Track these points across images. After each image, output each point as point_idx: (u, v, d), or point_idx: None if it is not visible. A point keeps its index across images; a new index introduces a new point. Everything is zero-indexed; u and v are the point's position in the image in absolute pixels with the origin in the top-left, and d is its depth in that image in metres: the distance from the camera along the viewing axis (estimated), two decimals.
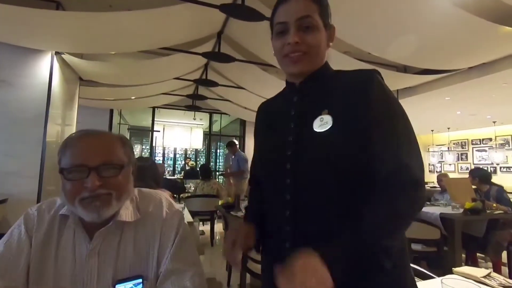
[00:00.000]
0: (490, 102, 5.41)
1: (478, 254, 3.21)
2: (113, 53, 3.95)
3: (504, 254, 3.05)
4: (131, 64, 4.47)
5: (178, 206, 0.89)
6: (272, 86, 0.74)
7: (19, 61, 3.33)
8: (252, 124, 7.99)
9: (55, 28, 2.97)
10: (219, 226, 4.76)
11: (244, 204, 3.04)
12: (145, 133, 9.27)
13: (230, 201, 3.22)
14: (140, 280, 0.73)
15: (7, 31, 3.02)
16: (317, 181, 0.64)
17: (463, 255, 3.08)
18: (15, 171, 3.23)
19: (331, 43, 0.74)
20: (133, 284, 0.72)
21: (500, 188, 3.47)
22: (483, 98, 5.16)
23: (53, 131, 3.60)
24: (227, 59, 3.60)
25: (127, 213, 0.76)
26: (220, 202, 3.57)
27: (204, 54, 3.62)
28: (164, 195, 0.86)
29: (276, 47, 0.73)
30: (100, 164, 0.70)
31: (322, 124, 0.65)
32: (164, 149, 10.20)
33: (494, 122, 7.08)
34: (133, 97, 5.74)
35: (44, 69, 3.44)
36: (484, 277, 1.06)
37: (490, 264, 3.13)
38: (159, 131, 8.89)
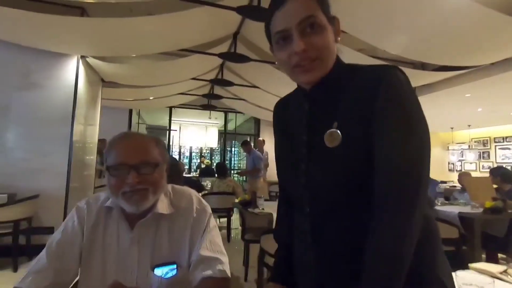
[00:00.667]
0: None
1: (499, 254, 3.14)
2: (133, 55, 4.10)
3: None
4: (150, 66, 4.63)
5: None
6: (286, 84, 0.77)
7: (48, 65, 3.54)
8: (266, 123, 8.05)
9: (81, 34, 3.14)
10: (236, 222, 4.85)
11: (260, 201, 3.11)
12: (162, 132, 9.51)
13: (247, 198, 3.30)
14: (175, 266, 0.82)
15: (37, 37, 3.21)
16: (331, 196, 0.63)
17: (483, 255, 3.03)
18: (45, 168, 3.44)
19: (339, 38, 0.66)
20: (169, 269, 0.81)
21: None
22: (506, 95, 4.99)
23: (77, 131, 3.80)
24: (243, 59, 3.67)
25: (163, 206, 0.85)
26: (237, 200, 3.66)
27: (220, 55, 3.71)
28: (194, 192, 0.94)
29: (281, 59, 0.65)
30: (138, 163, 0.79)
31: (332, 139, 0.62)
32: (180, 147, 10.43)
33: None
34: (151, 97, 5.93)
35: (71, 72, 3.63)
36: (501, 273, 1.08)
37: None
38: (175, 130, 9.10)
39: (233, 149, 10.63)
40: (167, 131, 8.57)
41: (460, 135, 9.02)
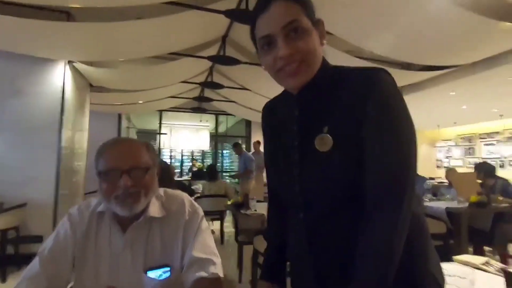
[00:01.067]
0: (496, 96, 5.40)
1: (486, 247, 3.24)
2: (122, 60, 4.08)
3: None
4: (139, 70, 4.61)
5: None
6: (277, 85, 0.78)
7: (34, 70, 3.48)
8: (258, 124, 8.08)
9: (67, 39, 3.11)
10: (228, 225, 4.86)
11: (253, 202, 3.13)
12: (152, 136, 9.45)
13: (239, 200, 3.32)
14: (168, 269, 0.83)
15: (22, 43, 3.16)
16: (325, 200, 0.64)
17: (471, 249, 3.12)
18: (32, 176, 3.38)
19: (325, 41, 0.66)
20: (162, 272, 0.82)
21: (506, 181, 3.50)
22: (489, 92, 5.16)
23: (66, 137, 3.74)
24: (232, 61, 3.69)
25: (154, 209, 0.87)
26: (229, 202, 3.67)
27: (209, 58, 3.72)
28: (186, 195, 0.96)
29: (267, 63, 0.65)
30: (130, 167, 0.81)
31: (323, 143, 0.62)
32: (171, 151, 10.36)
33: (501, 115, 7.04)
34: (141, 101, 5.89)
35: (57, 77, 3.58)
36: (483, 264, 1.13)
37: (498, 257, 3.16)
38: (166, 134, 9.05)
39: (224, 151, 10.62)
40: (158, 135, 8.51)
41: (446, 133, 9.25)
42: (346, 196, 0.62)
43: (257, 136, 8.04)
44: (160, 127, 8.35)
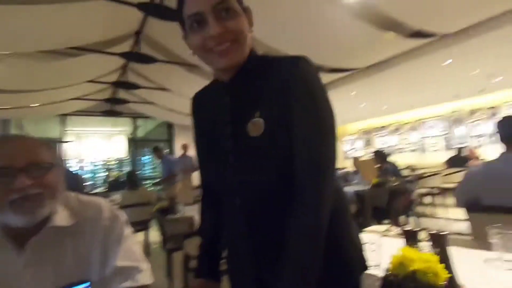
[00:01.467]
0: (385, 96, 6.52)
1: (384, 221, 3.86)
2: (6, 53, 3.36)
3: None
4: (31, 66, 3.88)
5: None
6: (199, 87, 0.76)
7: None
8: (180, 127, 7.79)
9: None
10: (154, 235, 4.53)
11: (180, 206, 3.00)
12: (54, 145, 8.10)
13: (164, 206, 3.14)
14: (87, 284, 0.71)
15: None
16: (260, 185, 0.65)
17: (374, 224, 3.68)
18: None
19: (252, 28, 0.68)
20: None
21: (394, 164, 4.28)
22: (380, 92, 6.17)
23: None
24: (148, 59, 3.47)
25: (61, 218, 0.74)
26: (154, 209, 3.44)
27: (122, 55, 3.42)
28: (103, 200, 0.85)
29: (195, 43, 0.63)
30: (27, 164, 0.67)
31: (256, 128, 0.63)
32: (80, 161, 9.09)
33: (389, 112, 8.54)
34: (36, 104, 4.98)
35: None
36: (385, 231, 1.35)
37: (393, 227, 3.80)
38: (71, 141, 7.90)
39: (145, 157, 9.88)
40: (61, 143, 7.37)
41: (350, 128, 10.71)
42: (280, 180, 0.64)
43: (181, 138, 7.75)
44: (63, 134, 7.23)
